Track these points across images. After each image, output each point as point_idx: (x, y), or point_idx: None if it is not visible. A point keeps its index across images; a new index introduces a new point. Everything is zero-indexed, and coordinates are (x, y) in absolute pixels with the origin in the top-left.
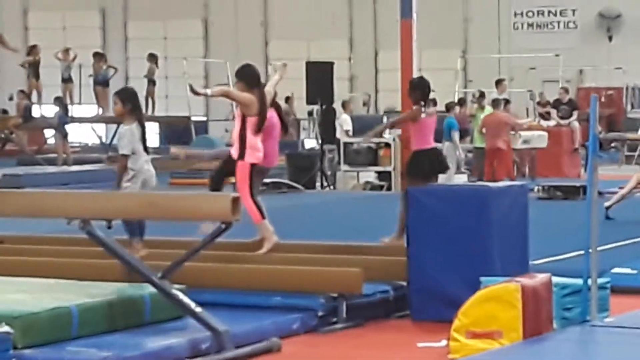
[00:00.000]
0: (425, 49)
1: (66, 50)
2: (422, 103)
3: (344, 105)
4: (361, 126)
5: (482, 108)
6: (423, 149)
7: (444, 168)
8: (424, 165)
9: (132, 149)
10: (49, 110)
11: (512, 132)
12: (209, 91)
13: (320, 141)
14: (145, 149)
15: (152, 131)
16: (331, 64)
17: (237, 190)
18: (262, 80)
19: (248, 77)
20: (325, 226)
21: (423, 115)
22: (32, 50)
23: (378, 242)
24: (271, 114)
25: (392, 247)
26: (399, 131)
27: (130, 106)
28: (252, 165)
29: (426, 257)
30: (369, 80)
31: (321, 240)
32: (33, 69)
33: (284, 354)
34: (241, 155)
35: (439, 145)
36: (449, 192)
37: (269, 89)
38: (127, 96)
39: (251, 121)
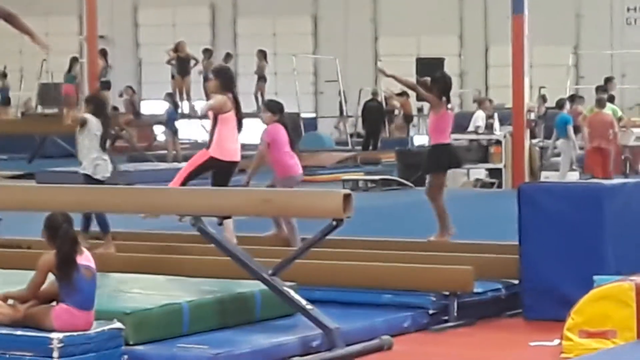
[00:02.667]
0: (536, 45)
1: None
2: (444, 98)
3: (480, 102)
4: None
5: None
6: (441, 143)
7: (459, 163)
8: (444, 159)
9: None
10: (160, 106)
11: (623, 129)
12: (199, 109)
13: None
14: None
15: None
16: (441, 60)
17: (182, 169)
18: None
19: (226, 78)
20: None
21: (447, 109)
22: (178, 46)
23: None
24: (277, 129)
25: (505, 246)
26: (510, 128)
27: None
28: (210, 158)
29: (539, 255)
30: (479, 76)
31: None
32: (179, 66)
33: (395, 352)
34: (208, 146)
35: (547, 141)
36: (563, 190)
37: None
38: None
39: (223, 117)
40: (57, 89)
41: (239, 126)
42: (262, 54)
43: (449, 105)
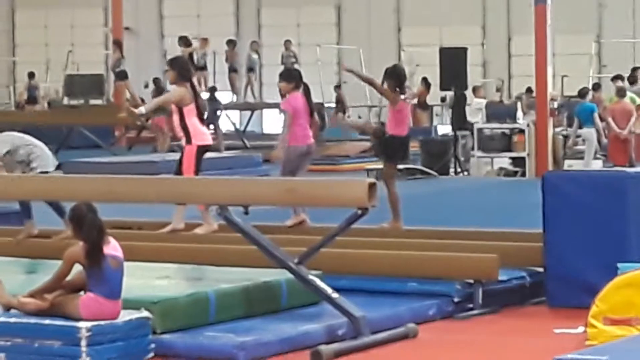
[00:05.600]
0: (559, 34)
1: (204, 40)
2: (398, 90)
3: (475, 90)
4: (494, 111)
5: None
6: (398, 135)
7: (403, 158)
8: (399, 151)
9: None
10: None
11: None
12: (143, 109)
13: (452, 127)
14: None
15: None
16: (464, 49)
17: (183, 172)
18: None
19: (179, 68)
20: (459, 212)
21: (404, 100)
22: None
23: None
24: (295, 98)
25: (529, 234)
26: (533, 117)
27: None
28: (199, 147)
29: (563, 243)
30: (502, 66)
31: (456, 226)
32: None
33: (420, 340)
34: (188, 141)
35: (570, 130)
36: (587, 178)
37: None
38: None
39: (188, 109)
40: (83, 80)
41: (199, 114)
42: (290, 44)
43: (404, 97)
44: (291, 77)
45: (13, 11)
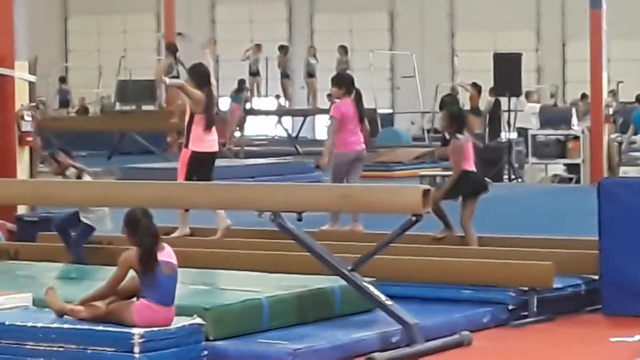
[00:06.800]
0: (614, 39)
1: (257, 46)
2: (461, 133)
3: (527, 95)
4: (550, 117)
5: None
6: (468, 170)
7: (484, 188)
8: (467, 186)
9: None
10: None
11: None
12: (167, 80)
13: (488, 136)
14: None
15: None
16: (519, 55)
17: (178, 173)
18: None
19: (198, 76)
20: (514, 219)
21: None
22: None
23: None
24: (345, 104)
25: (584, 241)
26: (588, 123)
27: None
28: (193, 153)
29: (619, 251)
30: (556, 72)
31: (510, 233)
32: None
33: (475, 347)
34: (186, 144)
35: (624, 136)
36: None
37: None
38: None
39: (198, 118)
40: (135, 86)
41: (210, 121)
42: (344, 50)
43: (463, 137)
44: (342, 82)
45: (66, 18)
